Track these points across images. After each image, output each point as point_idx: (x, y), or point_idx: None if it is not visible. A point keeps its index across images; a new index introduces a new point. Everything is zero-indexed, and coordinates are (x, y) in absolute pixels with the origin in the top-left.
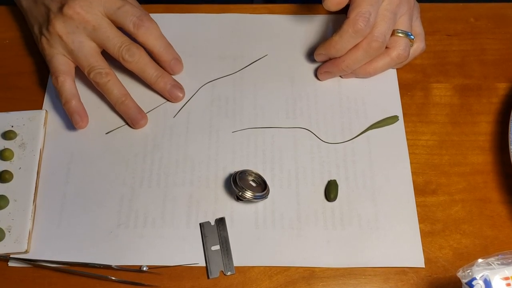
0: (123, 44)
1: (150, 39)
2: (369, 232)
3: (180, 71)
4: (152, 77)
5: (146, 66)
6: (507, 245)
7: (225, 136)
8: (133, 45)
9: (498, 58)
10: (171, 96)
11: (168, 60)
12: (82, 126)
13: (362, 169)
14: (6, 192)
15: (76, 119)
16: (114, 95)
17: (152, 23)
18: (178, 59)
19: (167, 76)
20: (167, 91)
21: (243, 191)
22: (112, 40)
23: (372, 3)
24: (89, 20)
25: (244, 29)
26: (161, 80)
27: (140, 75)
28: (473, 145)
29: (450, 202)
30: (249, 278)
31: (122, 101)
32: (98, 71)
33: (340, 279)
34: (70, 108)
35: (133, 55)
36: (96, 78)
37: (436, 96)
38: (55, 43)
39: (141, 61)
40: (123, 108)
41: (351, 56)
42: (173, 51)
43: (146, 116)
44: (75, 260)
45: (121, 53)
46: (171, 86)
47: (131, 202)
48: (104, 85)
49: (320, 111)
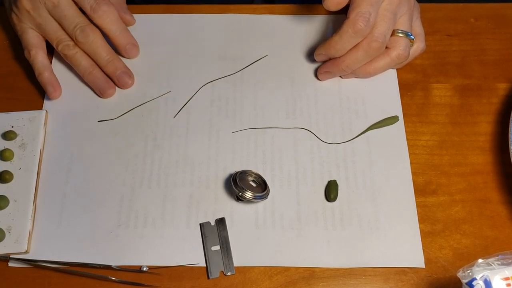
0: (78, 24)
1: (106, 22)
2: (369, 232)
3: (135, 55)
4: (103, 60)
5: (98, 49)
6: (507, 245)
7: (225, 136)
8: (88, 27)
9: (498, 58)
10: (119, 82)
11: (123, 44)
12: (55, 96)
13: (362, 169)
14: (6, 193)
15: (50, 90)
16: (82, 66)
17: (109, 7)
18: (134, 44)
19: (118, 61)
20: (115, 76)
21: (243, 192)
22: (69, 19)
23: (372, 3)
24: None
25: (244, 30)
26: (112, 65)
27: (92, 57)
28: (473, 145)
29: (450, 202)
30: (249, 278)
31: (90, 72)
32: (66, 43)
33: (340, 279)
34: (43, 79)
35: (86, 36)
36: (64, 50)
37: (436, 96)
38: (24, 17)
39: (94, 43)
40: (91, 78)
41: (351, 56)
42: (129, 36)
43: (113, 86)
44: (75, 260)
45: (74, 33)
46: (121, 72)
47: (131, 202)
48: (72, 56)
49: (320, 111)
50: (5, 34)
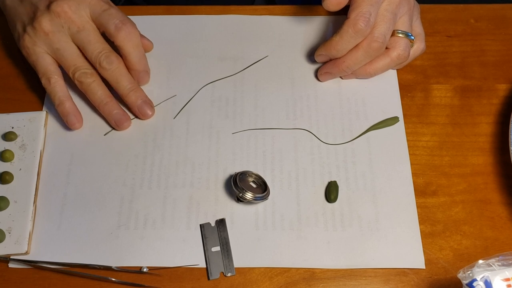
0: (103, 50)
1: (129, 45)
2: (369, 233)
3: (145, 83)
4: (125, 89)
5: (122, 77)
6: (507, 246)
7: (225, 137)
8: (113, 54)
9: (498, 59)
10: (139, 112)
11: (138, 71)
12: (78, 127)
13: (363, 170)
14: (6, 193)
15: (72, 120)
16: (98, 96)
17: (134, 28)
18: (148, 72)
19: (140, 91)
20: (136, 106)
21: (243, 192)
22: (93, 45)
23: (372, 4)
24: (75, 20)
25: (244, 30)
26: (133, 94)
27: (114, 85)
28: (473, 146)
29: (451, 203)
30: (249, 279)
31: (106, 102)
32: (83, 71)
33: (341, 280)
34: (64, 109)
35: (111, 63)
36: (81, 78)
37: (437, 97)
38: (40, 41)
39: (117, 71)
40: (107, 109)
41: (351, 57)
42: (146, 63)
43: (129, 118)
44: (75, 261)
45: (99, 59)
46: (142, 101)
47: (131, 203)
48: (89, 85)
49: (321, 112)
50: (5, 34)
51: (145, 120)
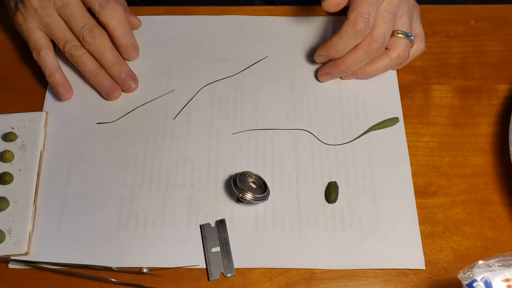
0: (87, 24)
1: (113, 21)
2: (369, 234)
3: (135, 58)
4: (109, 62)
5: (105, 51)
6: (507, 246)
7: (225, 137)
8: (97, 28)
9: (498, 60)
10: (123, 85)
11: (125, 45)
12: (67, 97)
13: (363, 171)
14: (6, 194)
15: (62, 91)
16: (89, 67)
17: (118, 6)
18: (135, 47)
19: (124, 64)
20: (120, 79)
21: (243, 193)
22: (77, 19)
23: (371, 4)
24: None
25: (244, 31)
26: (117, 68)
27: (98, 58)
28: (473, 146)
29: (451, 204)
30: (249, 280)
31: (96, 73)
32: (73, 43)
33: (341, 281)
34: (54, 80)
35: (94, 37)
36: (71, 50)
37: (437, 98)
38: (30, 17)
39: (100, 45)
40: (97, 80)
41: (351, 57)
42: (132, 38)
43: (119, 88)
44: (75, 261)
45: (82, 33)
46: (125, 75)
47: (132, 203)
48: (79, 57)
49: (321, 113)
50: (6, 35)
51: (129, 92)
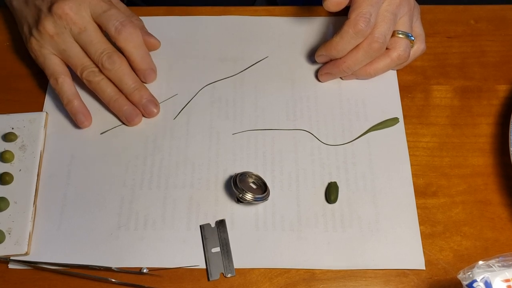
0: (105, 51)
1: (130, 46)
2: (369, 234)
3: (152, 81)
4: (129, 88)
5: (125, 76)
6: (507, 247)
7: (225, 138)
8: (115, 54)
9: (498, 60)
10: (145, 111)
11: (143, 69)
12: (87, 125)
13: (363, 171)
14: (6, 194)
15: (81, 119)
16: (108, 93)
17: (135, 29)
18: (153, 69)
19: (144, 89)
20: (141, 105)
21: (243, 193)
22: (95, 46)
23: (372, 4)
24: (76, 22)
25: (244, 31)
26: (138, 93)
27: (117, 84)
28: (473, 147)
29: (451, 204)
30: (249, 280)
31: (116, 99)
32: (91, 69)
33: (341, 281)
34: (73, 108)
35: (113, 63)
36: (89, 76)
37: (437, 98)
38: (46, 43)
39: (120, 71)
40: (117, 106)
41: (351, 57)
42: (150, 61)
43: (140, 113)
44: (75, 262)
45: (101, 59)
46: (147, 100)
47: (132, 204)
48: (97, 83)
49: (321, 113)
50: (6, 35)
51: (151, 118)
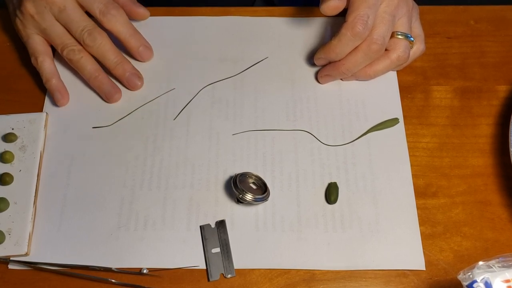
0: (86, 28)
1: (116, 25)
2: (369, 235)
3: (149, 58)
4: (112, 63)
5: (107, 52)
6: (508, 247)
7: (225, 138)
8: (96, 30)
9: (498, 61)
10: (129, 84)
11: (135, 47)
12: (63, 103)
13: (363, 172)
14: (6, 195)
15: (58, 97)
16: (88, 70)
17: (118, 10)
18: (147, 46)
19: (127, 63)
20: (125, 78)
21: (243, 194)
22: (76, 23)
23: (370, 6)
24: (55, 1)
25: (244, 32)
26: (120, 67)
27: (100, 60)
28: (473, 147)
29: (451, 205)
30: (249, 280)
31: (96, 76)
32: (71, 48)
33: (341, 282)
34: (51, 86)
35: (94, 39)
36: (69, 55)
37: (437, 99)
38: (28, 23)
39: (102, 47)
40: (96, 83)
41: (351, 59)
42: (141, 38)
43: (120, 90)
44: (75, 262)
45: (82, 36)
46: (130, 73)
47: (132, 204)
48: (78, 61)
49: (321, 114)
50: (6, 36)
51: (135, 91)
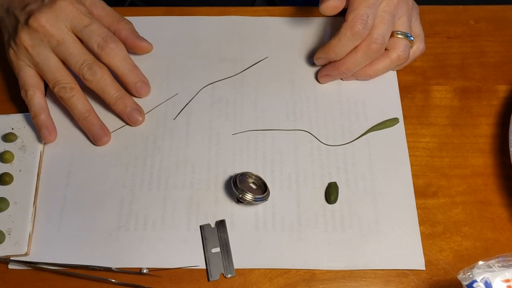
0: (85, 62)
1: (114, 60)
2: (369, 235)
3: (146, 94)
4: (112, 98)
5: (107, 87)
6: (507, 247)
7: (225, 138)
8: (95, 64)
9: (498, 61)
10: (129, 120)
11: (132, 83)
12: (50, 140)
13: (363, 172)
14: (6, 195)
15: (44, 133)
16: (78, 110)
17: (117, 44)
18: (145, 82)
19: (127, 98)
20: (126, 114)
21: (243, 194)
22: (75, 57)
23: (369, 5)
24: (54, 34)
25: (244, 32)
26: (121, 102)
27: (100, 95)
28: (473, 147)
29: (451, 205)
30: (249, 280)
31: (85, 117)
32: (62, 85)
33: (341, 282)
34: (38, 122)
35: (94, 74)
36: (60, 92)
37: (436, 98)
38: (22, 55)
39: (101, 81)
40: (85, 124)
41: (350, 59)
42: (139, 73)
43: (109, 133)
44: (75, 262)
45: (82, 71)
46: (131, 109)
47: (131, 204)
48: (68, 100)
49: (321, 114)
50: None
51: (136, 126)
